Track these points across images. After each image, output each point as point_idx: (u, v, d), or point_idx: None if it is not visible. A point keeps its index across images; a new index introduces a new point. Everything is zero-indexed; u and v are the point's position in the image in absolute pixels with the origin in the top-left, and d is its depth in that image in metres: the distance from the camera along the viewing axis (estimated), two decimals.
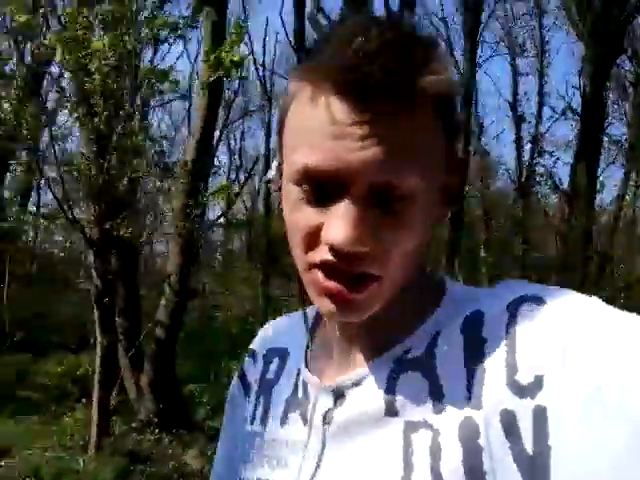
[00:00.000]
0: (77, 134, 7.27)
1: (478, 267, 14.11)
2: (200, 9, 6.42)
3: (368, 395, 0.61)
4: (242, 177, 21.86)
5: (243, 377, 0.82)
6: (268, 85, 18.28)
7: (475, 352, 0.57)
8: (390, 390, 0.60)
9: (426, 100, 0.54)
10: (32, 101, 5.37)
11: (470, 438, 0.53)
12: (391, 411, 0.59)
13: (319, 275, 0.57)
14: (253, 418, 0.75)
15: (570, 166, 11.92)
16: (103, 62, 4.30)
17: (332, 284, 0.56)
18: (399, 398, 0.59)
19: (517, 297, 0.57)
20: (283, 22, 12.94)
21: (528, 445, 0.50)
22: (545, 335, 0.53)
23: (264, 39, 18.02)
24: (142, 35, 4.82)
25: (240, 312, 13.28)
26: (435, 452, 0.54)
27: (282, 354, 0.77)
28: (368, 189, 0.54)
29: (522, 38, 18.79)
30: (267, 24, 26.06)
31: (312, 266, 0.58)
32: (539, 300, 0.56)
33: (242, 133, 24.04)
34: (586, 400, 0.48)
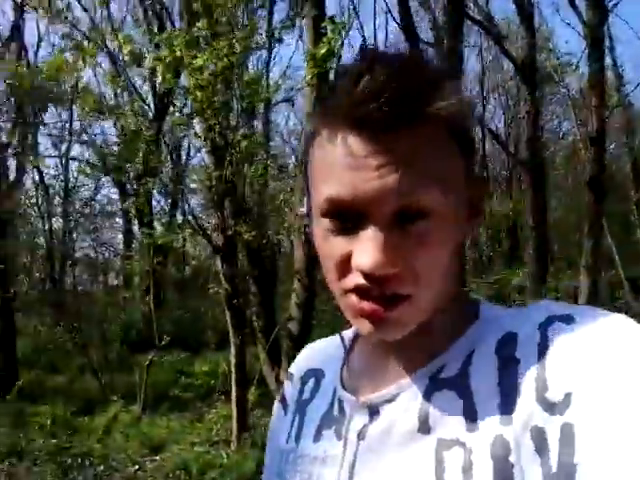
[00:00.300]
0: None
1: (631, 232, 12.98)
2: (300, 9, 6.50)
3: (402, 411, 0.63)
4: None
5: (283, 399, 0.85)
6: None
7: (508, 372, 0.58)
8: (424, 407, 0.61)
9: (438, 124, 0.58)
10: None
11: (501, 455, 0.54)
12: (424, 428, 0.60)
13: (353, 298, 0.60)
14: (289, 436, 0.77)
15: None
16: (203, 77, 4.52)
17: (366, 304, 0.59)
18: (433, 415, 0.60)
19: (548, 317, 0.59)
20: (387, 4, 12.63)
21: (554, 461, 0.51)
22: (575, 353, 0.54)
23: (374, 22, 17.74)
24: (240, 47, 4.98)
25: None
26: (467, 470, 0.56)
27: (317, 375, 0.80)
28: (389, 214, 0.57)
29: None
30: (375, 5, 25.58)
31: (347, 291, 0.61)
32: (569, 319, 0.58)
33: None
34: (614, 418, 0.49)
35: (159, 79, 4.69)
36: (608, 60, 13.18)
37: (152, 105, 9.02)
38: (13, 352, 9.27)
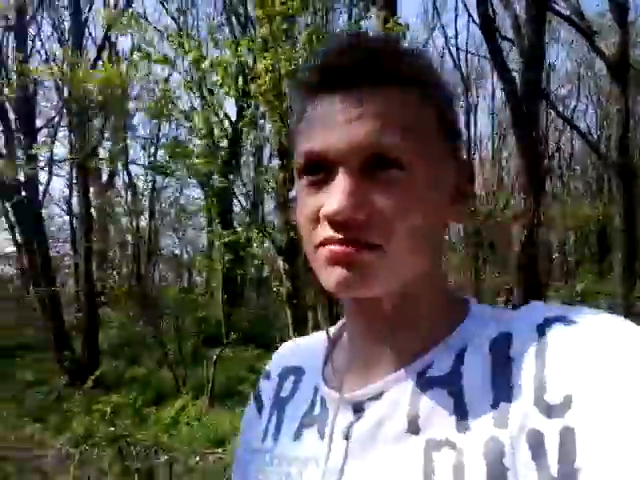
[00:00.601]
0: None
1: None
2: (367, 10, 6.48)
3: (388, 410, 0.61)
4: None
5: (258, 397, 0.82)
6: (463, 66, 17.69)
7: (503, 371, 0.57)
8: (413, 406, 0.59)
9: (407, 87, 0.60)
10: None
11: (495, 458, 0.53)
12: (413, 428, 0.58)
13: (323, 250, 0.59)
14: (265, 435, 0.75)
15: None
16: (265, 81, 4.60)
17: (337, 248, 0.57)
18: (422, 415, 0.58)
19: (547, 317, 0.57)
20: (465, 5, 12.35)
21: (554, 466, 0.49)
22: (575, 355, 0.53)
23: (455, 19, 17.33)
24: (305, 51, 5.03)
25: None
26: (458, 471, 0.54)
27: (297, 372, 0.78)
28: (358, 162, 0.58)
29: None
30: (457, 4, 24.96)
31: (317, 246, 0.60)
32: (569, 320, 0.56)
33: None
34: (616, 421, 0.48)
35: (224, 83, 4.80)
36: None
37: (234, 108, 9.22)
38: (95, 344, 9.83)
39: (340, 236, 0.57)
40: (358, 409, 0.63)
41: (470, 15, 10.52)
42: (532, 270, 7.39)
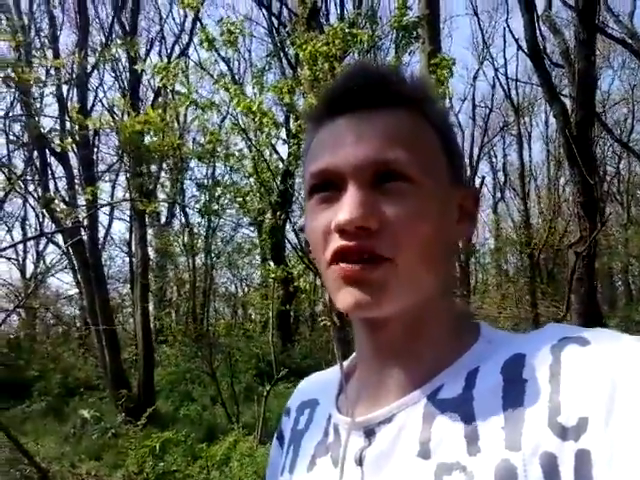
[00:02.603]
0: None
1: None
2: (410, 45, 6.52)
3: (399, 434, 0.61)
4: (508, 193, 21.07)
5: (280, 434, 0.84)
6: (514, 94, 17.49)
7: (515, 393, 0.56)
8: (424, 429, 0.59)
9: (410, 109, 0.64)
10: None
11: None
12: (424, 452, 0.58)
13: (335, 267, 0.61)
14: (283, 469, 0.77)
15: None
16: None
17: (347, 266, 0.59)
18: (433, 438, 0.58)
19: (561, 339, 0.57)
20: (510, 30, 12.33)
21: None
22: (591, 377, 0.52)
23: (504, 48, 17.25)
24: None
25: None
26: None
27: (312, 404, 0.79)
28: (366, 176, 0.60)
29: None
30: (505, 33, 24.82)
31: (330, 262, 0.62)
32: (584, 341, 0.55)
33: (503, 149, 23.23)
34: (634, 445, 0.47)
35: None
36: None
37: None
38: (151, 381, 10.00)
39: (352, 244, 0.59)
40: (369, 433, 0.63)
41: (518, 44, 10.44)
42: (590, 299, 7.10)
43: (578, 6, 7.70)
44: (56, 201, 8.82)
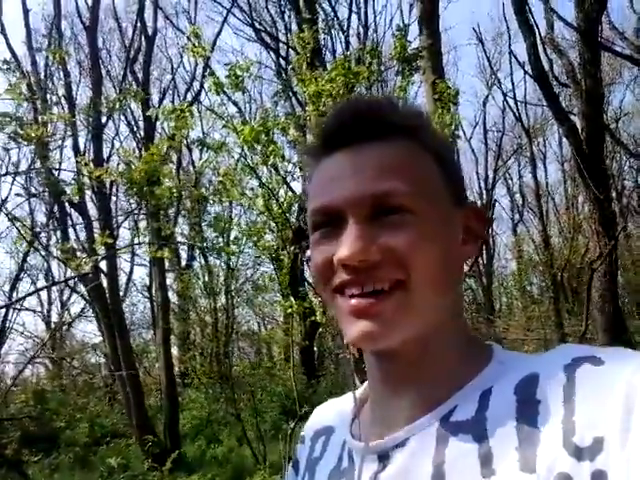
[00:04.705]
0: None
1: None
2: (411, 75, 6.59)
3: (413, 458, 0.61)
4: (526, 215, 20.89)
5: (295, 463, 0.84)
6: (524, 116, 17.51)
7: (529, 414, 0.56)
8: (438, 452, 0.59)
9: (406, 138, 0.64)
10: None
11: None
12: (437, 475, 0.58)
13: (342, 300, 0.62)
14: None
15: None
16: None
17: (356, 301, 0.60)
18: (447, 460, 0.58)
19: (575, 358, 0.57)
20: (515, 56, 12.43)
21: None
22: (606, 396, 0.52)
23: (510, 72, 17.36)
24: None
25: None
26: None
27: (327, 432, 0.79)
28: (365, 211, 0.61)
29: None
30: (510, 58, 24.94)
31: (335, 293, 0.63)
32: (598, 361, 0.55)
33: (518, 171, 23.13)
34: None
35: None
36: None
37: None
38: (176, 426, 9.95)
39: (355, 277, 0.59)
40: (383, 457, 0.63)
41: (524, 69, 10.49)
42: (615, 316, 6.97)
43: (580, 27, 7.75)
44: (76, 252, 8.95)
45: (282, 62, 15.67)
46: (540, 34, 8.58)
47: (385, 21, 30.15)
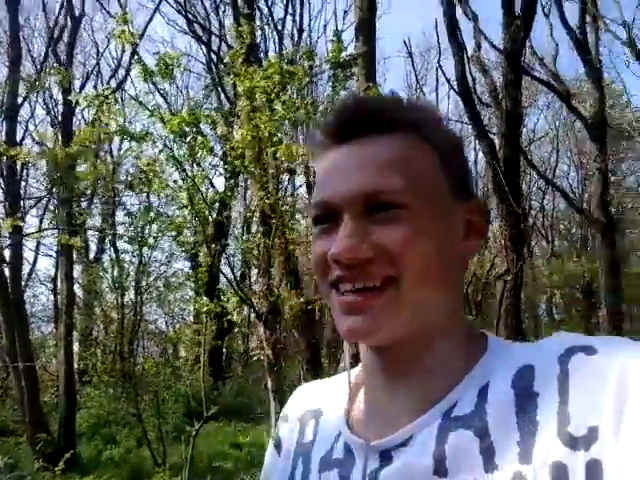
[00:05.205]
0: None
1: None
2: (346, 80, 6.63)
3: (416, 455, 0.60)
4: None
5: (277, 441, 0.81)
6: None
7: (526, 406, 0.56)
8: (439, 449, 0.59)
9: (407, 132, 0.64)
10: None
11: None
12: (441, 471, 0.58)
13: (336, 295, 0.62)
14: None
15: None
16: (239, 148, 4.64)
17: (347, 297, 0.61)
18: (449, 457, 0.58)
19: (568, 348, 0.57)
20: (442, 71, 12.83)
21: None
22: (599, 385, 0.52)
23: (436, 88, 17.85)
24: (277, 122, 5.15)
25: None
26: None
27: (317, 415, 0.77)
28: (358, 207, 0.61)
29: None
30: (437, 74, 25.81)
31: (330, 288, 0.63)
32: (591, 350, 0.55)
33: None
34: None
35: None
36: None
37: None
38: (72, 425, 9.50)
39: (347, 274, 0.60)
40: (385, 456, 0.62)
41: (450, 84, 10.87)
42: (517, 329, 7.29)
43: (506, 49, 8.09)
44: None
45: (213, 56, 15.37)
46: (467, 52, 8.91)
47: (319, 27, 30.36)
